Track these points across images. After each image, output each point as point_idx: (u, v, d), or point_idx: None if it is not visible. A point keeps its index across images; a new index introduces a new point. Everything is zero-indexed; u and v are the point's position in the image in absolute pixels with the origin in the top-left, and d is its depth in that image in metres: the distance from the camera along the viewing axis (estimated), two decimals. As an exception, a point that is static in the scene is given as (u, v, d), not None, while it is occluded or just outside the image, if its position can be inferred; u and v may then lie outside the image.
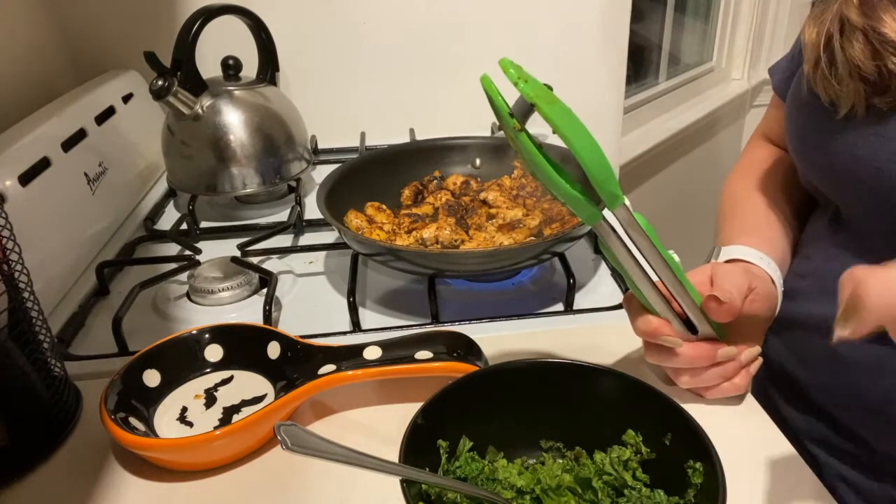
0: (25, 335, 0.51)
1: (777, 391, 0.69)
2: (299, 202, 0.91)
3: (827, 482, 0.62)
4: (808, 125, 0.60)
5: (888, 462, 0.59)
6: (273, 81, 0.97)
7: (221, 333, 0.60)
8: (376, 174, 0.85)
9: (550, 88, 1.20)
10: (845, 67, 0.53)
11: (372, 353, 0.56)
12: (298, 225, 0.87)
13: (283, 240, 0.84)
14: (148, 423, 0.53)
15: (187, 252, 0.80)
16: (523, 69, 0.41)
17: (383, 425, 0.54)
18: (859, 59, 0.52)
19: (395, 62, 1.14)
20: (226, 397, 0.56)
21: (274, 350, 0.58)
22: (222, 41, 0.93)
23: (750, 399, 0.55)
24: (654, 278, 0.49)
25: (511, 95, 0.43)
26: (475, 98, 1.17)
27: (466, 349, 0.55)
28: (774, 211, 0.68)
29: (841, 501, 0.62)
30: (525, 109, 0.44)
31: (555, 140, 0.42)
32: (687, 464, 0.42)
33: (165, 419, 0.54)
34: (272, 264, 0.79)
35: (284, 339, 0.58)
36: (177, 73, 0.84)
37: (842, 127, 0.55)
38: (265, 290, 0.69)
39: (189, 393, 0.57)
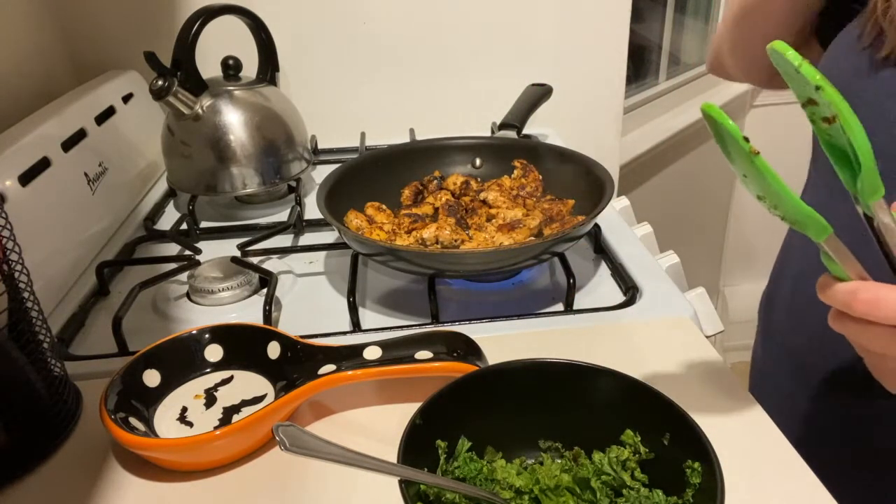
0: (25, 335, 0.51)
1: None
2: (299, 202, 0.91)
3: None
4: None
5: None
6: (273, 81, 0.97)
7: (221, 333, 0.60)
8: (376, 174, 0.85)
9: (550, 91, 1.19)
10: None
11: (372, 353, 0.56)
12: (298, 225, 0.87)
13: (283, 240, 0.84)
14: (148, 423, 0.53)
15: (187, 252, 0.80)
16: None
17: (383, 425, 0.54)
18: None
19: (394, 62, 1.15)
20: (226, 397, 0.56)
21: (274, 350, 0.58)
22: (222, 41, 0.93)
23: (749, 398, 0.55)
24: None
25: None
26: (475, 98, 1.18)
27: (466, 349, 0.55)
28: None
29: None
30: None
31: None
32: (685, 464, 0.42)
33: (165, 419, 0.54)
34: (272, 264, 0.79)
35: (284, 339, 0.58)
36: (177, 73, 0.84)
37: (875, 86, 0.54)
38: (265, 290, 0.69)
39: (189, 393, 0.57)
